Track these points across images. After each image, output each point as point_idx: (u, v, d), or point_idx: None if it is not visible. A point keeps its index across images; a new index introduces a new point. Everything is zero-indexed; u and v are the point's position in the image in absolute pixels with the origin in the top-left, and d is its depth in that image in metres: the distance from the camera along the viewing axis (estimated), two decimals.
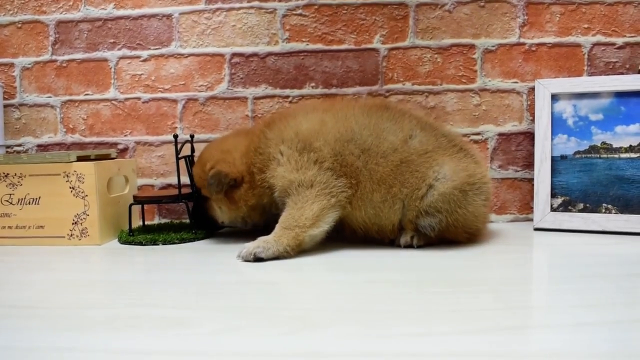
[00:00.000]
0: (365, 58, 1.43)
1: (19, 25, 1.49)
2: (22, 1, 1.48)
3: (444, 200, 1.07)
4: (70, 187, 1.23)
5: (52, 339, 0.65)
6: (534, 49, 1.41)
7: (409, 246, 1.12)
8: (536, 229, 1.32)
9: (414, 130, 1.13)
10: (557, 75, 1.41)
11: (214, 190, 1.17)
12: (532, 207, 1.36)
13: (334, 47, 1.43)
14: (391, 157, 1.10)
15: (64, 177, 1.23)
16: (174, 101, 1.46)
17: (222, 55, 1.44)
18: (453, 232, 1.11)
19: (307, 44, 1.43)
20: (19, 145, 1.51)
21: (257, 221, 1.23)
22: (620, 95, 1.31)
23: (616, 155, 1.29)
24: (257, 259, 1.02)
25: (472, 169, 1.11)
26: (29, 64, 1.49)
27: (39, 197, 1.24)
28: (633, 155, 1.28)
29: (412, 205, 1.09)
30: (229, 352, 0.60)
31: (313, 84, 1.43)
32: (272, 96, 1.44)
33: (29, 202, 1.24)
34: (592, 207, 1.29)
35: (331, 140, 1.11)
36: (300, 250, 1.06)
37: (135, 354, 0.60)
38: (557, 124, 1.35)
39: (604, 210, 1.28)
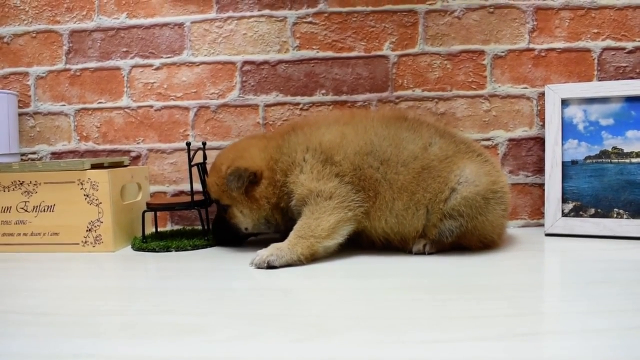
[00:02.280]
0: (375, 65, 1.43)
1: (34, 35, 1.51)
2: (37, 11, 1.50)
3: (467, 205, 1.08)
4: (84, 195, 1.24)
5: (71, 346, 0.66)
6: (543, 54, 1.42)
7: (421, 254, 1.12)
8: (547, 234, 1.32)
9: (433, 138, 1.14)
10: (567, 81, 1.41)
11: (234, 186, 1.15)
12: (543, 213, 1.36)
13: (344, 54, 1.44)
14: (412, 165, 1.11)
15: (78, 184, 1.24)
16: (186, 109, 1.47)
17: (233, 63, 1.46)
18: (469, 239, 1.12)
19: (318, 52, 1.44)
20: (34, 153, 1.53)
21: (280, 223, 1.21)
22: (631, 99, 1.31)
23: (627, 160, 1.29)
24: (270, 267, 1.03)
25: (495, 176, 1.12)
26: (43, 73, 1.51)
27: (54, 205, 1.25)
28: None
29: (436, 209, 1.10)
30: (244, 359, 0.61)
31: (323, 91, 1.44)
32: (283, 103, 1.45)
33: (44, 210, 1.26)
34: (604, 212, 1.29)
35: (351, 154, 1.12)
36: (313, 259, 1.07)
37: None
38: (568, 129, 1.35)
39: (615, 215, 1.28)
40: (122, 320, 0.76)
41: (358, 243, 1.17)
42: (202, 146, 1.33)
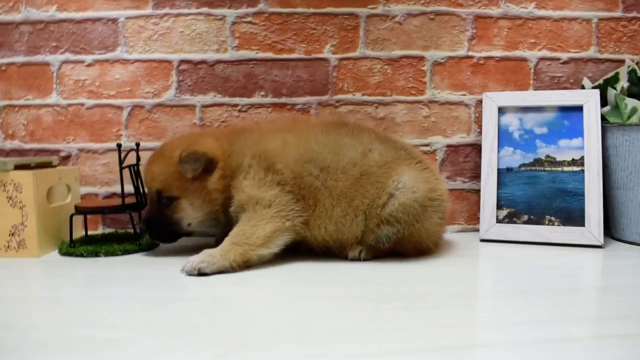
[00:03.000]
0: (316, 68, 1.42)
1: None
2: None
3: (404, 211, 1.07)
4: (7, 197, 1.17)
5: None
6: (482, 62, 1.43)
7: (357, 260, 1.11)
8: (482, 240, 1.33)
9: (373, 144, 1.14)
10: (504, 89, 1.44)
11: (190, 168, 1.10)
12: (479, 218, 1.38)
13: (284, 56, 1.41)
14: (351, 172, 1.10)
15: (0, 186, 1.17)
16: (120, 107, 1.42)
17: (169, 61, 1.41)
18: (405, 245, 1.12)
19: (257, 52, 1.41)
20: None
21: (224, 225, 1.16)
22: (565, 109, 1.34)
23: (559, 169, 1.32)
24: (201, 274, 0.99)
25: (433, 184, 1.13)
26: None
27: None
28: (575, 168, 1.31)
29: (373, 214, 1.09)
30: None
31: (263, 93, 1.41)
32: (221, 104, 1.41)
33: None
34: (536, 219, 1.31)
35: (291, 161, 1.11)
36: (246, 267, 1.04)
37: None
38: (504, 137, 1.37)
39: (547, 222, 1.30)
40: (37, 334, 0.72)
41: (296, 249, 1.15)
42: (135, 147, 1.28)
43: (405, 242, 1.11)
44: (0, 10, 1.41)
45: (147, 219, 1.17)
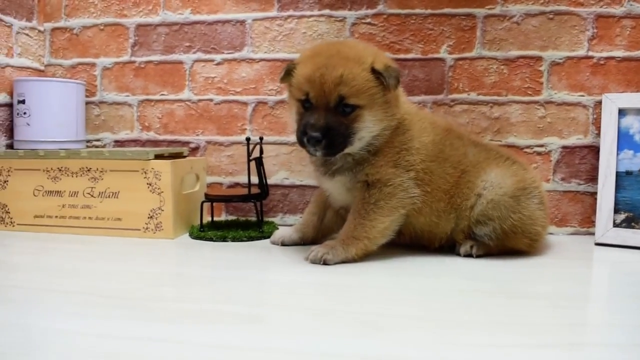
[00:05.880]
0: (432, 67, 1.45)
1: (102, 28, 1.58)
2: (105, 5, 1.57)
3: (494, 208, 1.11)
4: (147, 184, 1.30)
5: (144, 330, 0.71)
6: (602, 62, 1.41)
7: (469, 255, 1.14)
8: (597, 244, 1.31)
9: (469, 147, 1.19)
10: (626, 90, 1.40)
11: (394, 83, 1.06)
12: (594, 221, 1.36)
13: (401, 55, 1.45)
14: (458, 169, 1.15)
15: (142, 173, 1.30)
16: (245, 104, 1.52)
17: (292, 61, 1.49)
18: (513, 239, 1.14)
19: None
20: (98, 140, 1.60)
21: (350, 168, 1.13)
22: None
23: None
24: (325, 264, 1.06)
25: (521, 174, 1.15)
26: (110, 64, 1.58)
27: (118, 192, 1.32)
28: None
29: (463, 215, 1.14)
30: (304, 352, 0.64)
31: None
32: None
33: (109, 196, 1.32)
34: None
35: (429, 143, 1.14)
36: (366, 256, 1.10)
37: (215, 348, 0.65)
38: (624, 139, 1.34)
39: None
40: (186, 307, 0.81)
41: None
42: (259, 141, 1.38)
43: (510, 235, 1.13)
44: (141, 13, 1.55)
45: (325, 126, 1.05)
